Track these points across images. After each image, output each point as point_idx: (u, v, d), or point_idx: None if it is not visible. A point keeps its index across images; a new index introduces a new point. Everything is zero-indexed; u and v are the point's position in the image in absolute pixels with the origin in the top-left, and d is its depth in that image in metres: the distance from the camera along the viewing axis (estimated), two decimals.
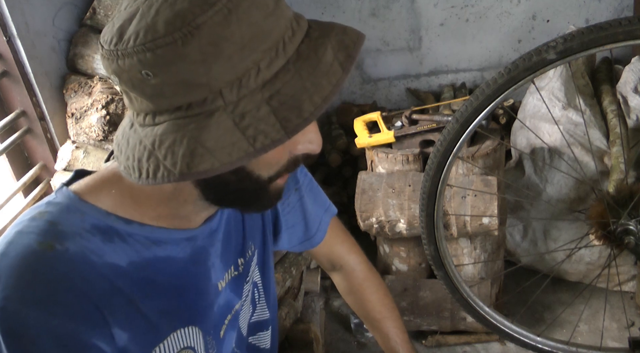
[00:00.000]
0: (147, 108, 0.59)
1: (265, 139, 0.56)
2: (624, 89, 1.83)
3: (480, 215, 1.64)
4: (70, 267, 0.62)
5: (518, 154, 2.00)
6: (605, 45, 1.06)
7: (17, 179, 1.58)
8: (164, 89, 0.57)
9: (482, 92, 1.18)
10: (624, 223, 1.27)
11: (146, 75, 0.56)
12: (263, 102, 0.57)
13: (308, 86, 0.57)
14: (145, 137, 0.59)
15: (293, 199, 0.95)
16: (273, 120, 0.56)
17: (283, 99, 0.57)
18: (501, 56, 2.35)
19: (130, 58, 0.56)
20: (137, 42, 0.55)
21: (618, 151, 1.64)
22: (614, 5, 2.20)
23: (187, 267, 0.73)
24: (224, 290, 0.81)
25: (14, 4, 1.44)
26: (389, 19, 2.32)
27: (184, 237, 0.73)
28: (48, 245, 0.62)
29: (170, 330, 0.71)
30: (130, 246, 0.67)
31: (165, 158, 0.57)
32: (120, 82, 0.59)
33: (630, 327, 1.78)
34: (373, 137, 1.85)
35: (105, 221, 0.66)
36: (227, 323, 0.83)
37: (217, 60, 0.55)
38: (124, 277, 0.66)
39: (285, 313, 1.63)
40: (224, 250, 0.80)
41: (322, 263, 1.10)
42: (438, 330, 1.80)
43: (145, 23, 0.55)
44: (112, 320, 0.64)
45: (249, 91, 0.57)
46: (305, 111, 0.57)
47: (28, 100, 1.53)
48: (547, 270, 1.88)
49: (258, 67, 0.56)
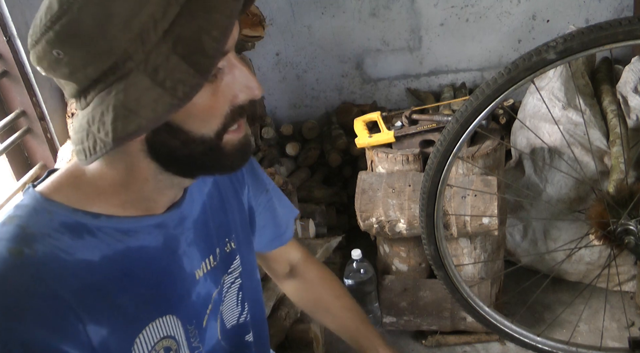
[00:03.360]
0: (75, 90, 0.62)
1: (184, 86, 0.57)
2: (624, 89, 1.83)
3: (480, 215, 1.64)
4: (39, 269, 0.62)
5: (518, 154, 2.00)
6: (605, 45, 1.06)
7: (17, 179, 1.58)
8: (76, 64, 0.59)
9: (482, 92, 1.18)
10: (624, 223, 1.27)
11: (57, 54, 0.59)
12: (170, 52, 0.58)
13: (203, 24, 0.58)
14: (82, 118, 0.62)
15: (263, 200, 0.96)
16: (185, 67, 0.57)
17: (186, 43, 0.58)
18: (501, 56, 2.35)
19: (40, 43, 0.59)
20: (41, 24, 0.58)
21: (618, 151, 1.64)
22: (614, 5, 2.20)
23: (160, 256, 0.73)
24: (203, 279, 0.80)
25: (14, 4, 1.44)
26: (389, 19, 2.33)
27: (153, 224, 0.72)
28: (17, 251, 0.62)
29: (148, 321, 0.71)
30: (100, 240, 0.67)
31: (99, 130, 0.59)
32: (45, 71, 0.62)
33: (630, 327, 1.78)
34: (373, 137, 1.85)
35: (73, 217, 0.66)
36: (208, 313, 0.82)
37: (111, 21, 0.56)
38: (97, 272, 0.66)
39: (285, 313, 1.63)
40: (198, 239, 0.80)
41: (278, 269, 1.11)
42: (438, 330, 1.80)
43: (45, 7, 0.58)
44: (87, 317, 0.63)
45: (153, 45, 0.58)
46: (209, 49, 0.57)
47: (28, 100, 1.53)
48: (547, 270, 1.88)
49: (154, 19, 0.57)
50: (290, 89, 2.51)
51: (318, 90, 2.51)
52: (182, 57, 0.58)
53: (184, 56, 0.58)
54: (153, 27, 0.57)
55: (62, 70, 0.60)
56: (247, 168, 0.93)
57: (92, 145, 0.60)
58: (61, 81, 0.62)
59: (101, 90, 0.59)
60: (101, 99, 0.59)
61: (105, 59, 0.58)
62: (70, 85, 0.62)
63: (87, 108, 0.61)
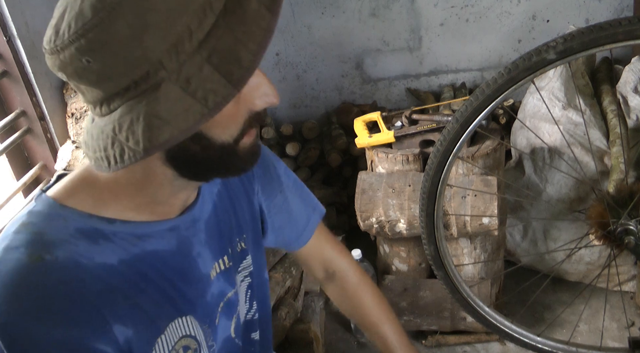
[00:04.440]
0: (99, 96, 0.61)
1: (216, 96, 0.57)
2: (624, 89, 1.83)
3: (480, 215, 1.64)
4: (63, 274, 0.62)
5: (518, 154, 2.00)
6: (605, 45, 1.06)
7: (17, 179, 1.58)
8: (107, 72, 0.58)
9: (482, 92, 1.18)
10: (624, 223, 1.27)
11: (87, 62, 0.58)
12: (204, 62, 0.58)
13: (240, 36, 0.58)
14: (106, 125, 0.61)
15: (278, 201, 0.95)
16: (218, 77, 0.57)
17: (221, 55, 0.58)
18: (501, 56, 2.35)
19: (68, 49, 0.58)
20: (70, 31, 0.57)
21: (618, 151, 1.64)
22: (614, 5, 2.20)
23: (174, 259, 0.74)
24: (217, 279, 0.82)
25: (14, 4, 1.44)
26: (389, 19, 2.32)
27: (166, 228, 0.73)
28: (38, 257, 0.62)
29: (168, 321, 0.72)
30: (116, 245, 0.68)
31: (128, 139, 0.58)
32: (68, 77, 0.61)
33: (630, 327, 1.78)
34: (373, 137, 1.85)
35: (88, 223, 0.67)
36: (220, 311, 0.83)
37: (147, 31, 0.56)
38: (118, 274, 0.67)
39: (285, 313, 1.63)
40: (211, 240, 0.81)
41: (315, 270, 1.09)
42: (438, 330, 1.80)
43: (74, 12, 0.57)
44: (112, 318, 0.64)
45: (187, 55, 0.58)
46: (245, 60, 0.58)
47: (28, 100, 1.53)
48: (547, 270, 1.88)
49: (190, 29, 0.57)
50: (290, 89, 2.51)
51: (318, 90, 2.51)
52: (215, 68, 0.57)
53: (218, 67, 0.57)
54: (188, 37, 0.57)
55: (90, 77, 0.59)
56: (257, 169, 0.93)
57: (119, 153, 0.59)
58: (82, 87, 0.62)
59: (130, 99, 0.59)
60: (129, 108, 0.59)
61: (138, 68, 0.57)
62: (94, 92, 0.61)
63: (111, 115, 0.60)
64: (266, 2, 0.59)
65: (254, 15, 0.58)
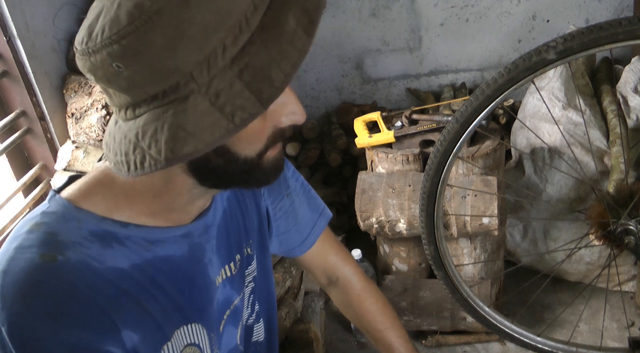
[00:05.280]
0: (126, 101, 0.60)
1: (243, 113, 0.57)
2: (624, 89, 1.83)
3: (480, 215, 1.64)
4: (74, 276, 0.62)
5: (518, 154, 2.00)
6: (605, 45, 1.06)
7: (17, 179, 1.58)
8: (137, 79, 0.58)
9: (482, 92, 1.18)
10: (624, 223, 1.27)
11: (117, 67, 0.57)
12: (235, 78, 0.57)
13: (275, 55, 0.58)
14: (129, 130, 0.60)
15: (285, 205, 0.95)
16: (247, 94, 0.57)
17: (253, 72, 0.57)
18: (501, 56, 2.35)
19: (100, 53, 0.57)
20: (104, 36, 0.57)
21: (618, 151, 1.64)
22: (614, 5, 2.20)
23: (186, 265, 0.74)
24: (222, 286, 0.81)
25: (14, 4, 1.44)
26: (389, 19, 2.32)
27: (180, 234, 0.73)
28: (50, 257, 0.62)
29: (175, 328, 0.72)
30: (129, 249, 0.68)
31: (150, 147, 0.58)
32: (97, 80, 0.61)
33: (630, 327, 1.78)
34: (373, 137, 1.85)
35: (102, 226, 0.67)
36: (225, 319, 0.83)
37: (182, 43, 0.56)
38: (128, 279, 0.66)
39: (285, 313, 1.63)
40: (220, 246, 0.81)
41: (318, 276, 1.08)
42: (438, 330, 1.80)
43: (109, 17, 0.57)
44: (121, 323, 0.64)
45: (219, 69, 0.57)
46: (276, 80, 0.57)
47: (28, 100, 1.53)
48: (547, 270, 1.88)
49: (224, 44, 0.57)
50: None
51: (318, 90, 2.51)
52: (246, 85, 0.57)
53: (248, 84, 0.57)
54: (222, 52, 0.57)
55: (119, 83, 0.59)
56: None
57: (140, 160, 0.59)
58: (110, 91, 0.61)
59: (156, 107, 0.59)
60: (155, 116, 0.58)
61: (168, 79, 0.57)
62: (121, 97, 0.61)
63: (136, 121, 0.60)
64: (303, 23, 0.59)
65: (290, 35, 0.58)
